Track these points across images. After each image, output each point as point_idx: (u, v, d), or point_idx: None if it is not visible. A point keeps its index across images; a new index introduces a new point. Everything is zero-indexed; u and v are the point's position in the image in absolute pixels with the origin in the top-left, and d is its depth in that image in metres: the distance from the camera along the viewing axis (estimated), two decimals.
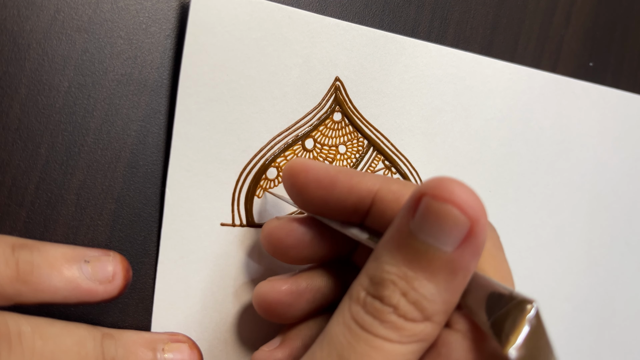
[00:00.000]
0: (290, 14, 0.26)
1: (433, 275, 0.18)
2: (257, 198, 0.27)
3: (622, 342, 0.38)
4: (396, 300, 0.18)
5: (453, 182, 0.18)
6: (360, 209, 0.22)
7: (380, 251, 0.20)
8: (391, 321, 0.18)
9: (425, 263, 0.18)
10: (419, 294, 0.18)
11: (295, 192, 0.23)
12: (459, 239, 0.18)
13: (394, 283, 0.19)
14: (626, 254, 0.38)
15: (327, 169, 0.23)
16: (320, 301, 0.25)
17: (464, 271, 0.19)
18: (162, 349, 0.24)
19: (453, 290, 0.19)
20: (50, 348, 0.21)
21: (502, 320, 0.18)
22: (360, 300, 0.19)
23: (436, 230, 0.18)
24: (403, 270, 0.19)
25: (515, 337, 0.18)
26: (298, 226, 0.24)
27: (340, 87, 0.28)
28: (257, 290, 0.24)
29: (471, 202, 0.18)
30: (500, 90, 0.32)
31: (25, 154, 0.24)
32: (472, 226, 0.18)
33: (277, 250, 0.24)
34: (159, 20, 0.25)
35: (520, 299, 0.18)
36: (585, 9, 0.37)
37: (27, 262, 0.21)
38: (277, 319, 0.25)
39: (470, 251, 0.18)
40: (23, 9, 0.23)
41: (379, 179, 0.22)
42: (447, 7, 0.32)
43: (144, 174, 0.25)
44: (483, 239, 0.18)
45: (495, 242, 0.22)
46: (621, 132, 0.37)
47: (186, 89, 0.25)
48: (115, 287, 0.23)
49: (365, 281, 0.20)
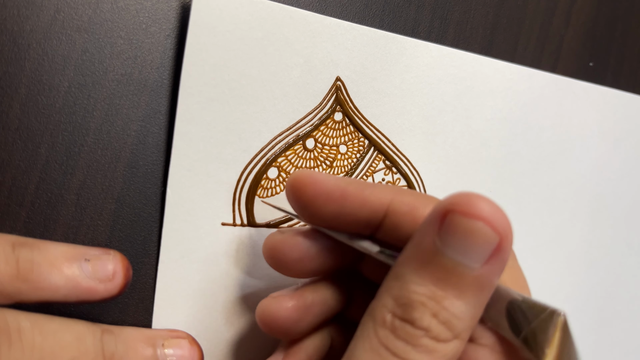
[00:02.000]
0: (292, 14, 0.26)
1: (462, 293, 0.18)
2: (258, 197, 0.27)
3: (622, 342, 0.38)
4: (427, 323, 0.18)
5: (479, 198, 0.17)
6: (372, 222, 0.22)
7: (403, 270, 0.19)
8: (424, 345, 0.18)
9: (455, 281, 0.18)
10: (449, 314, 0.18)
11: (302, 206, 0.22)
12: (487, 255, 0.18)
13: (424, 304, 0.18)
14: (626, 254, 0.38)
15: (337, 181, 0.22)
16: (326, 314, 0.24)
17: (490, 286, 0.18)
18: (162, 344, 0.24)
19: (480, 306, 0.19)
20: (49, 344, 0.21)
21: (535, 332, 0.18)
22: (387, 324, 0.19)
23: (465, 247, 0.17)
24: (432, 290, 0.18)
25: (552, 349, 0.18)
26: (303, 240, 0.23)
27: (341, 87, 0.28)
28: (261, 307, 0.23)
29: (499, 218, 0.17)
30: (500, 91, 0.32)
31: (25, 154, 0.24)
32: (500, 242, 0.17)
33: (281, 265, 0.23)
34: (159, 20, 0.25)
35: (551, 310, 0.18)
36: (585, 9, 0.37)
37: (27, 261, 0.21)
38: (282, 336, 0.24)
39: (498, 266, 0.18)
40: (23, 9, 0.23)
41: (391, 190, 0.22)
42: (447, 7, 0.32)
43: (144, 174, 0.25)
44: (508, 253, 0.18)
45: (511, 252, 0.22)
46: (621, 133, 0.37)
47: (187, 88, 0.25)
48: (116, 285, 0.23)
49: (389, 302, 0.19)
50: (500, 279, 0.20)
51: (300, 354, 0.24)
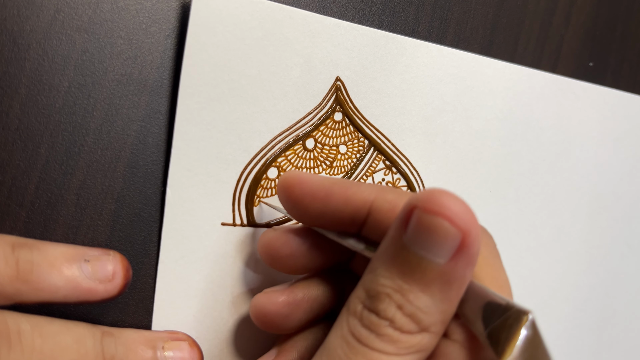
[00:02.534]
0: (291, 14, 0.26)
1: (427, 287, 0.18)
2: (257, 197, 0.27)
3: (622, 342, 0.38)
4: (392, 314, 0.19)
5: (443, 194, 0.18)
6: (356, 220, 0.22)
7: (376, 264, 0.20)
8: (387, 334, 0.19)
9: (419, 275, 0.18)
10: (414, 307, 0.19)
11: (291, 205, 0.23)
12: (451, 251, 0.18)
13: (389, 296, 0.19)
14: (626, 254, 0.38)
15: (322, 181, 0.23)
16: (317, 310, 0.25)
17: (459, 282, 0.19)
18: (162, 347, 0.24)
19: (449, 301, 0.19)
20: (49, 346, 0.21)
21: (498, 330, 0.18)
22: (357, 314, 0.19)
23: (428, 243, 0.18)
24: (398, 283, 0.19)
25: (511, 347, 0.18)
26: (294, 237, 0.24)
27: (341, 87, 0.28)
28: (253, 302, 0.24)
29: (462, 214, 0.18)
30: (500, 91, 0.32)
31: (25, 154, 0.24)
32: (463, 238, 0.18)
33: (274, 261, 0.24)
34: (159, 20, 0.25)
35: (516, 309, 0.18)
36: (585, 9, 0.37)
37: (27, 261, 0.21)
38: (275, 330, 0.25)
39: (464, 262, 0.18)
40: (23, 9, 0.23)
41: (375, 189, 0.22)
42: (447, 7, 0.32)
43: (144, 174, 0.25)
44: (476, 249, 0.18)
45: (491, 249, 0.22)
46: (621, 133, 0.37)
47: (187, 88, 0.25)
48: (115, 286, 0.23)
49: (361, 294, 0.20)
50: (479, 277, 0.21)
51: (292, 352, 0.25)
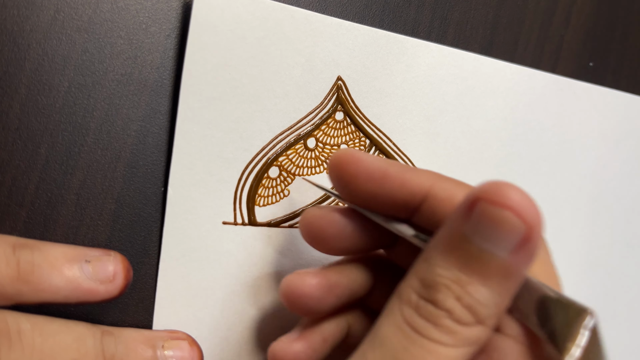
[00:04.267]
0: (293, 14, 0.26)
1: (487, 280, 0.18)
2: (259, 196, 0.27)
3: (622, 342, 0.38)
4: (450, 305, 0.18)
5: (509, 187, 0.18)
6: (410, 205, 0.22)
7: (432, 253, 0.19)
8: (446, 325, 0.18)
9: (480, 267, 0.18)
10: (473, 299, 0.18)
11: (343, 184, 0.23)
12: (514, 244, 0.18)
13: (448, 287, 0.18)
14: (627, 255, 0.38)
15: (379, 161, 0.22)
16: (347, 297, 0.24)
17: (517, 276, 0.19)
18: (162, 346, 0.24)
19: (506, 294, 0.19)
20: (49, 345, 0.21)
21: (561, 327, 0.18)
22: (412, 303, 0.19)
23: (492, 235, 0.18)
24: (457, 274, 0.18)
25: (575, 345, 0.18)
26: (340, 217, 0.23)
27: (342, 87, 0.28)
28: (285, 282, 0.24)
29: (528, 208, 0.17)
30: (501, 91, 0.32)
31: (25, 154, 0.24)
32: (527, 232, 0.18)
33: (316, 240, 0.24)
34: (159, 20, 0.25)
35: (578, 307, 0.18)
36: (585, 9, 0.37)
37: (27, 262, 0.21)
38: (303, 312, 0.24)
39: (525, 256, 0.18)
40: (23, 9, 0.23)
41: (432, 176, 0.22)
42: (447, 7, 0.32)
43: (144, 174, 0.25)
44: (538, 244, 0.18)
45: (544, 247, 0.22)
46: (622, 134, 0.37)
47: (189, 87, 0.25)
48: (116, 286, 0.23)
49: (415, 283, 0.19)
50: (533, 274, 0.20)
51: (315, 335, 0.24)
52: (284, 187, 0.28)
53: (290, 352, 0.24)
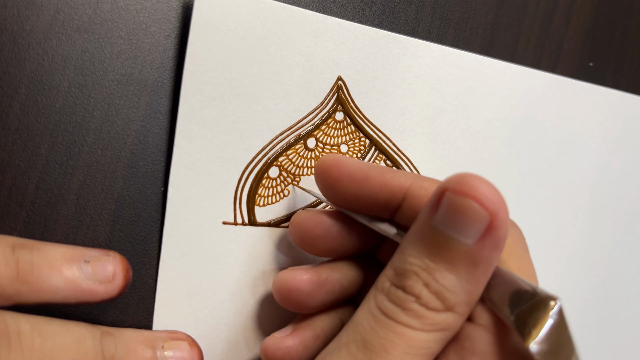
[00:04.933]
0: (293, 13, 0.26)
1: (454, 267, 0.19)
2: (259, 196, 0.27)
3: (622, 342, 0.38)
4: (418, 290, 0.19)
5: (474, 178, 0.18)
6: (391, 205, 0.23)
7: (405, 244, 0.20)
8: (413, 309, 0.19)
9: (447, 255, 0.19)
10: (440, 285, 0.19)
11: (327, 187, 0.24)
12: (479, 232, 0.18)
13: (417, 274, 0.19)
14: (627, 254, 0.38)
15: (360, 164, 0.23)
16: (338, 293, 0.25)
17: (485, 263, 0.19)
18: (162, 346, 0.24)
19: (475, 282, 0.19)
20: (49, 346, 0.20)
21: (525, 315, 0.19)
22: (384, 290, 0.20)
23: (457, 224, 0.19)
24: (425, 262, 0.19)
25: (538, 331, 0.18)
26: (326, 218, 0.25)
27: (342, 87, 0.28)
28: (278, 277, 0.25)
29: (491, 197, 0.18)
30: (501, 91, 0.32)
31: (25, 154, 0.24)
32: (491, 220, 0.18)
33: (305, 241, 0.25)
34: (159, 20, 0.25)
35: (543, 296, 0.18)
36: (585, 9, 0.37)
37: (27, 262, 0.21)
38: (295, 308, 0.25)
39: (491, 244, 0.19)
40: (23, 9, 0.23)
41: (411, 176, 0.23)
42: (447, 7, 0.32)
43: (144, 174, 0.25)
44: (504, 232, 0.19)
45: (520, 242, 0.23)
46: (622, 133, 0.37)
47: (189, 87, 0.25)
48: (115, 287, 0.23)
49: (390, 272, 0.20)
50: (508, 267, 0.21)
51: (307, 331, 0.25)
52: (284, 187, 0.28)
53: (282, 347, 0.25)
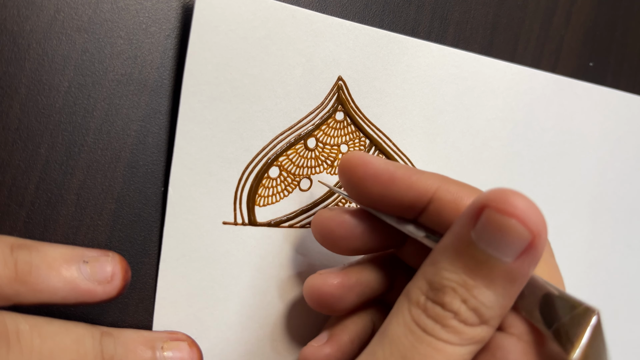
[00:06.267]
0: (294, 13, 0.26)
1: (492, 284, 0.19)
2: (259, 196, 0.27)
3: (622, 342, 0.38)
4: (457, 307, 0.19)
5: (515, 195, 0.18)
6: (416, 206, 0.23)
7: (439, 256, 0.20)
8: (452, 326, 0.19)
9: (485, 272, 0.19)
10: (478, 301, 0.19)
11: (352, 186, 0.24)
12: (519, 251, 0.18)
13: (455, 290, 0.19)
14: (627, 254, 0.38)
15: (386, 164, 0.23)
16: (368, 294, 0.25)
17: (522, 279, 0.19)
18: (162, 347, 0.24)
19: (510, 297, 0.19)
20: (48, 346, 0.20)
21: (566, 326, 0.19)
22: (420, 304, 0.20)
23: (497, 242, 0.18)
24: (463, 278, 0.19)
25: (579, 343, 0.18)
26: (350, 218, 0.24)
27: (342, 87, 0.28)
28: (308, 282, 0.25)
29: (533, 216, 0.18)
30: (502, 91, 0.32)
31: (25, 154, 0.23)
32: (532, 239, 0.18)
33: (327, 240, 0.25)
34: (159, 20, 0.25)
35: (585, 307, 0.19)
36: (585, 9, 0.37)
37: (25, 263, 0.21)
38: (327, 311, 0.25)
39: (529, 262, 0.19)
40: (23, 9, 0.23)
41: (438, 178, 0.23)
42: (447, 7, 0.32)
43: (144, 174, 0.25)
44: (542, 250, 0.19)
45: (548, 248, 0.23)
46: (622, 134, 0.37)
47: (190, 87, 0.25)
48: (114, 287, 0.23)
49: (423, 285, 0.20)
50: (537, 273, 0.21)
51: (343, 337, 0.25)
52: (284, 187, 0.28)
53: (321, 355, 0.25)
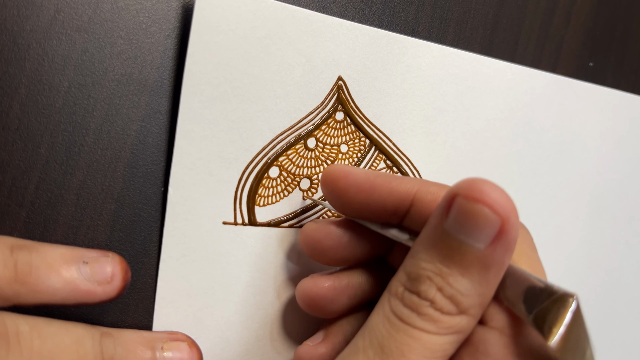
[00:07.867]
0: (294, 13, 0.26)
1: (467, 271, 0.19)
2: (259, 196, 0.27)
3: (622, 342, 0.38)
4: (432, 295, 0.20)
5: (484, 183, 0.19)
6: (399, 211, 0.23)
7: (417, 249, 0.21)
8: (428, 314, 0.20)
9: (459, 259, 0.19)
10: (453, 289, 0.19)
11: (335, 197, 0.24)
12: (490, 237, 0.19)
13: (430, 278, 0.20)
14: (627, 254, 0.38)
15: (366, 174, 0.24)
16: (359, 297, 0.26)
17: (497, 266, 0.19)
18: (161, 347, 0.24)
19: (487, 285, 0.20)
20: (48, 347, 0.20)
21: (545, 313, 0.19)
22: (398, 295, 0.21)
23: (469, 229, 0.19)
24: (438, 267, 0.20)
25: (558, 328, 0.18)
26: (336, 228, 0.25)
27: (342, 87, 0.28)
28: (300, 285, 0.26)
29: (502, 202, 0.19)
30: (502, 91, 0.32)
31: (25, 154, 0.23)
32: (502, 224, 0.19)
33: (315, 252, 0.25)
34: (159, 20, 0.25)
35: (562, 293, 0.19)
36: (585, 9, 0.37)
37: (25, 263, 0.21)
38: (319, 313, 0.26)
39: (502, 248, 0.19)
40: (23, 9, 0.23)
41: (417, 182, 0.23)
42: (447, 7, 0.32)
43: (144, 174, 0.25)
44: (514, 235, 0.19)
45: (529, 243, 0.23)
46: (622, 133, 0.37)
47: (190, 87, 0.25)
48: (114, 288, 0.23)
49: (402, 277, 0.21)
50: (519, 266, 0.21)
51: (338, 336, 0.26)
52: (284, 187, 0.28)
53: (316, 355, 0.25)
